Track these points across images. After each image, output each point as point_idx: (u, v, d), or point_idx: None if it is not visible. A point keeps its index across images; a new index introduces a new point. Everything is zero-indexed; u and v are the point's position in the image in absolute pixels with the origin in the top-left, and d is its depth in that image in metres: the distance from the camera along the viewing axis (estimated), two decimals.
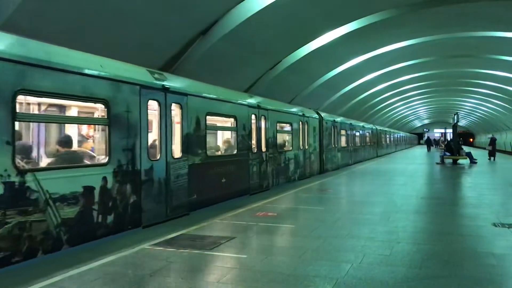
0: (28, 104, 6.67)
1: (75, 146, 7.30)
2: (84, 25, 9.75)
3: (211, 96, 10.17)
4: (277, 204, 10.15)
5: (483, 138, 63.49)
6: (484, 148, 45.92)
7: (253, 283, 4.75)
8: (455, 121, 28.28)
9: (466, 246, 6.38)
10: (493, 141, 29.44)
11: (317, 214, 8.92)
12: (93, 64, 6.82)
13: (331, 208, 9.84)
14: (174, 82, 8.82)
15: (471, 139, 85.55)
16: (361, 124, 29.76)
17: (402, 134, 64.29)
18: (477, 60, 27.49)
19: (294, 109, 16.53)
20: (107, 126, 6.88)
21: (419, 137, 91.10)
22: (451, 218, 8.87)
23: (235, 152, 11.23)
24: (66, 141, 6.91)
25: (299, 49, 18.31)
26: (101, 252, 5.84)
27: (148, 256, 5.80)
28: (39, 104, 6.98)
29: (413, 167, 23.74)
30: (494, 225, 7.74)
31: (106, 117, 6.89)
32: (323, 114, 20.09)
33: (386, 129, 45.64)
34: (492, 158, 28.94)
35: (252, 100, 12.65)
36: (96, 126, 7.64)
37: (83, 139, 7.99)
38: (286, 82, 20.42)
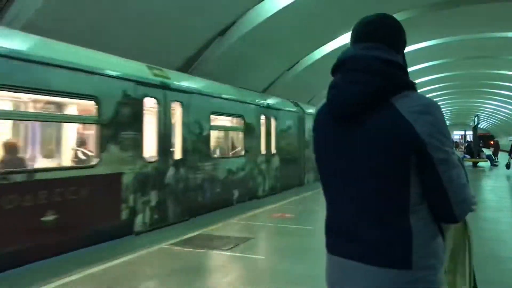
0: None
1: None
2: (103, 26, 9.86)
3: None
4: (294, 206, 10.11)
5: (504, 141, 62.33)
6: (505, 151, 45.89)
7: (271, 284, 4.73)
8: (475, 123, 27.85)
9: (487, 250, 6.26)
10: (496, 143, 35.03)
11: None
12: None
13: None
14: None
15: (492, 142, 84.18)
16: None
17: None
18: (498, 61, 27.06)
19: None
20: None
21: None
22: (472, 221, 8.61)
23: None
24: None
25: (317, 50, 18.24)
26: (120, 251, 5.89)
27: (166, 256, 5.83)
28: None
29: None
30: None
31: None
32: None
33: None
34: (496, 158, 30.18)
35: None
36: None
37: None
38: (304, 82, 20.34)
